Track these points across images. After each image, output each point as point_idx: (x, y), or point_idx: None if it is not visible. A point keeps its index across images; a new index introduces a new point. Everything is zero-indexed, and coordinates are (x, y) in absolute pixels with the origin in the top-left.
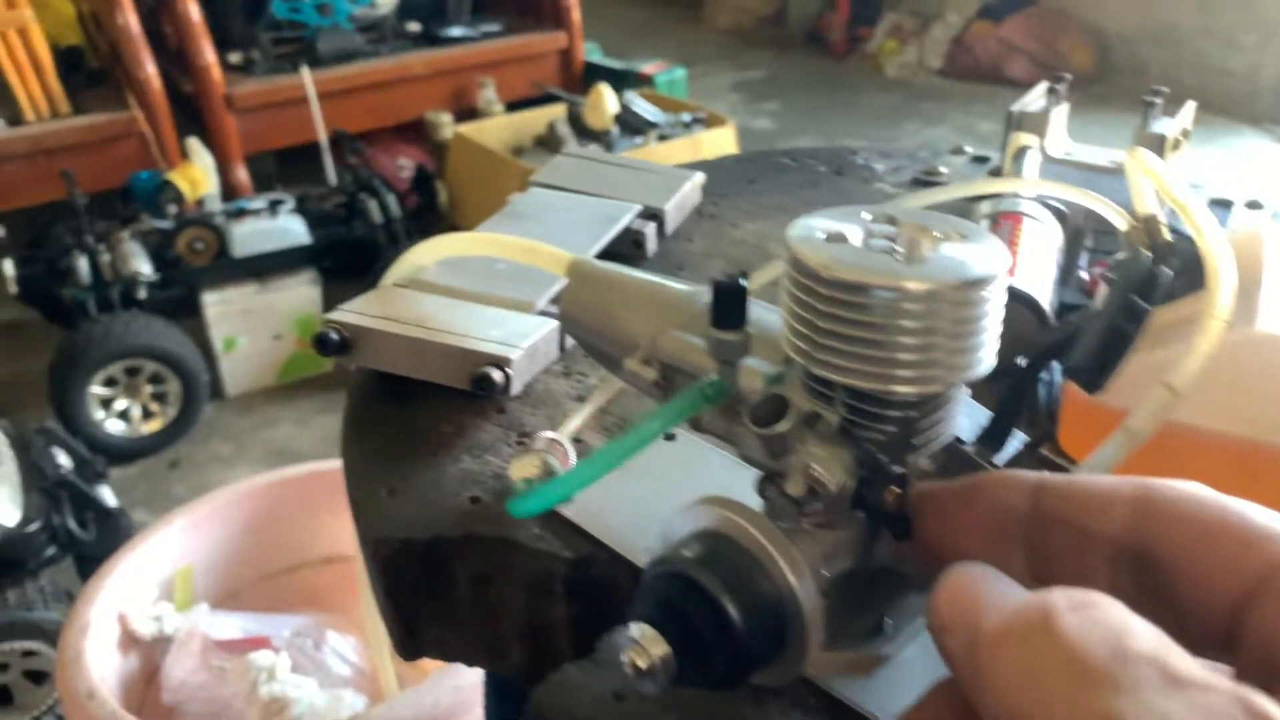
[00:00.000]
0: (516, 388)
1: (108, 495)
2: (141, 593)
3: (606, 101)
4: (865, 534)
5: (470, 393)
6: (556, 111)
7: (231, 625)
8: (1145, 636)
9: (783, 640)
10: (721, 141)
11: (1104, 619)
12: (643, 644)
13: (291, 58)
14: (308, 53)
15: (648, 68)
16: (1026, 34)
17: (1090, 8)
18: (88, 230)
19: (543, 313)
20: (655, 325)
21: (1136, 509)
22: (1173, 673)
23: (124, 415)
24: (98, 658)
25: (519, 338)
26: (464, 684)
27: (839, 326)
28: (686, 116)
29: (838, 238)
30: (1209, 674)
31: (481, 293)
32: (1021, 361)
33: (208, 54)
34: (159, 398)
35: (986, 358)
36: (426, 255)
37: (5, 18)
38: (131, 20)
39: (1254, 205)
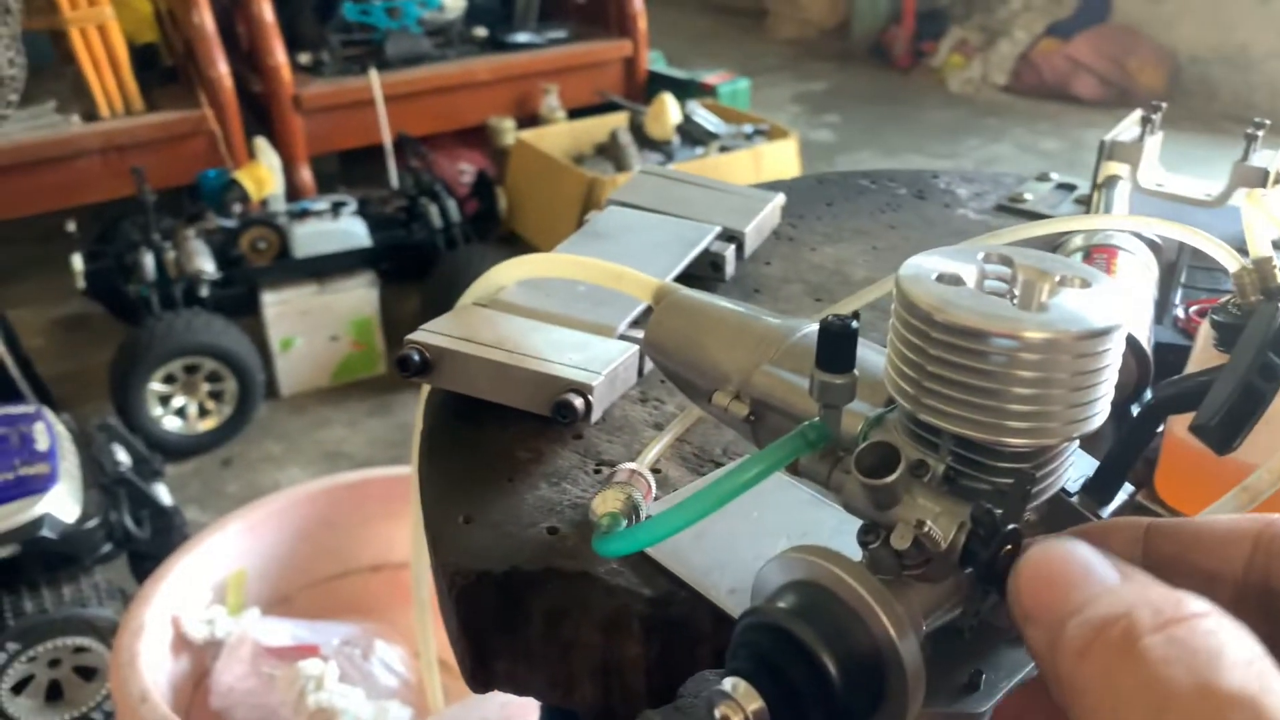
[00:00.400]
0: (596, 414)
1: (163, 493)
2: (195, 595)
3: (669, 111)
4: (968, 589)
5: (548, 418)
6: (618, 120)
7: (282, 632)
8: (1237, 671)
9: (881, 698)
10: (783, 154)
11: (1192, 644)
12: (736, 699)
13: (360, 60)
14: (376, 55)
15: (711, 78)
16: (1095, 52)
17: (1161, 27)
18: (154, 227)
19: (623, 337)
20: (747, 359)
21: (1259, 546)
22: (1265, 717)
23: (180, 412)
24: (150, 660)
25: (600, 364)
26: (511, 700)
27: (950, 372)
28: (748, 128)
29: (952, 279)
30: None
31: (562, 315)
32: (1134, 410)
33: (278, 54)
34: (215, 396)
35: (1103, 410)
36: (508, 275)
37: (86, 14)
38: (207, 19)
39: None
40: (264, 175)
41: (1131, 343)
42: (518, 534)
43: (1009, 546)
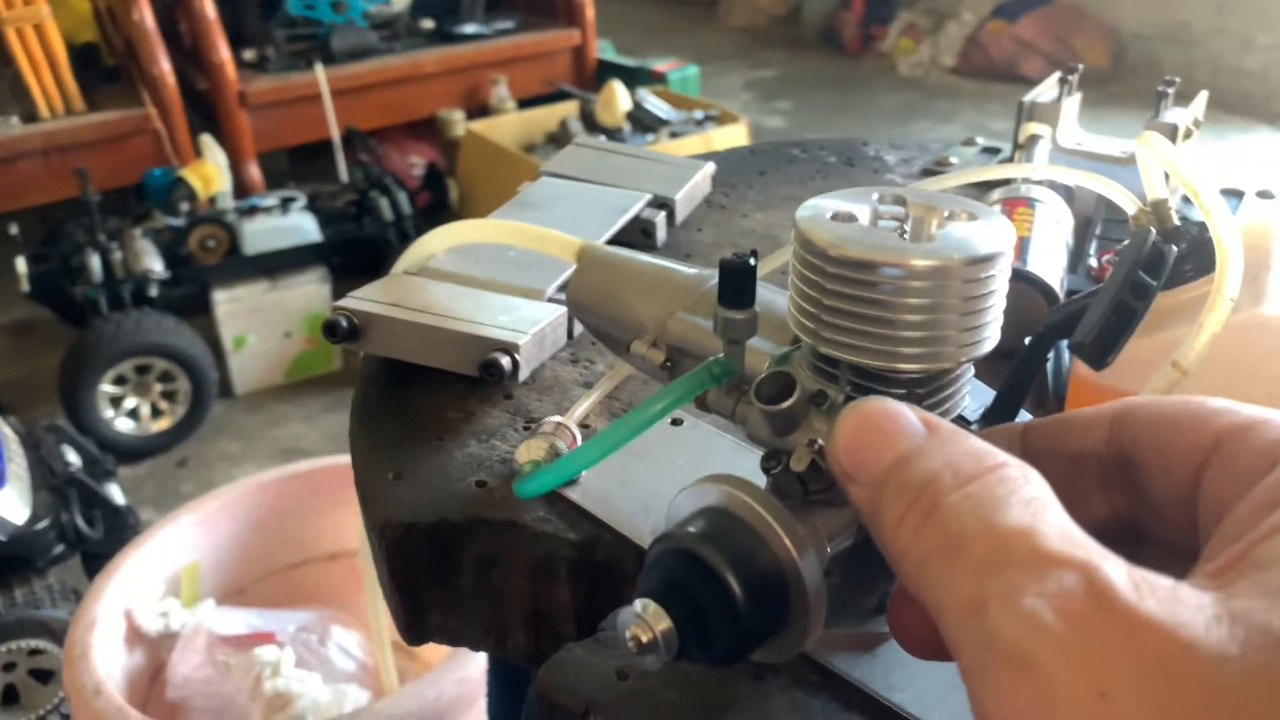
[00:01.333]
0: (524, 374)
1: (116, 493)
2: (148, 589)
3: (619, 99)
4: None
5: (478, 379)
6: (569, 109)
7: (237, 621)
8: (1016, 510)
9: (785, 616)
10: (734, 139)
11: (983, 494)
12: (645, 619)
13: (305, 55)
14: (322, 50)
15: (660, 65)
16: (1041, 32)
17: (1106, 6)
18: (100, 228)
19: (552, 299)
20: (663, 308)
21: (1115, 423)
22: (1036, 548)
23: (133, 413)
24: (104, 654)
25: (527, 324)
26: (468, 676)
27: (845, 304)
28: (699, 114)
29: (846, 217)
30: (1072, 547)
31: (491, 280)
32: (1026, 341)
33: (222, 51)
34: (168, 396)
35: (991, 336)
36: (438, 243)
37: (21, 14)
38: (147, 16)
39: (1265, 195)
40: (211, 173)
41: (1042, 286)
42: (446, 488)
43: None
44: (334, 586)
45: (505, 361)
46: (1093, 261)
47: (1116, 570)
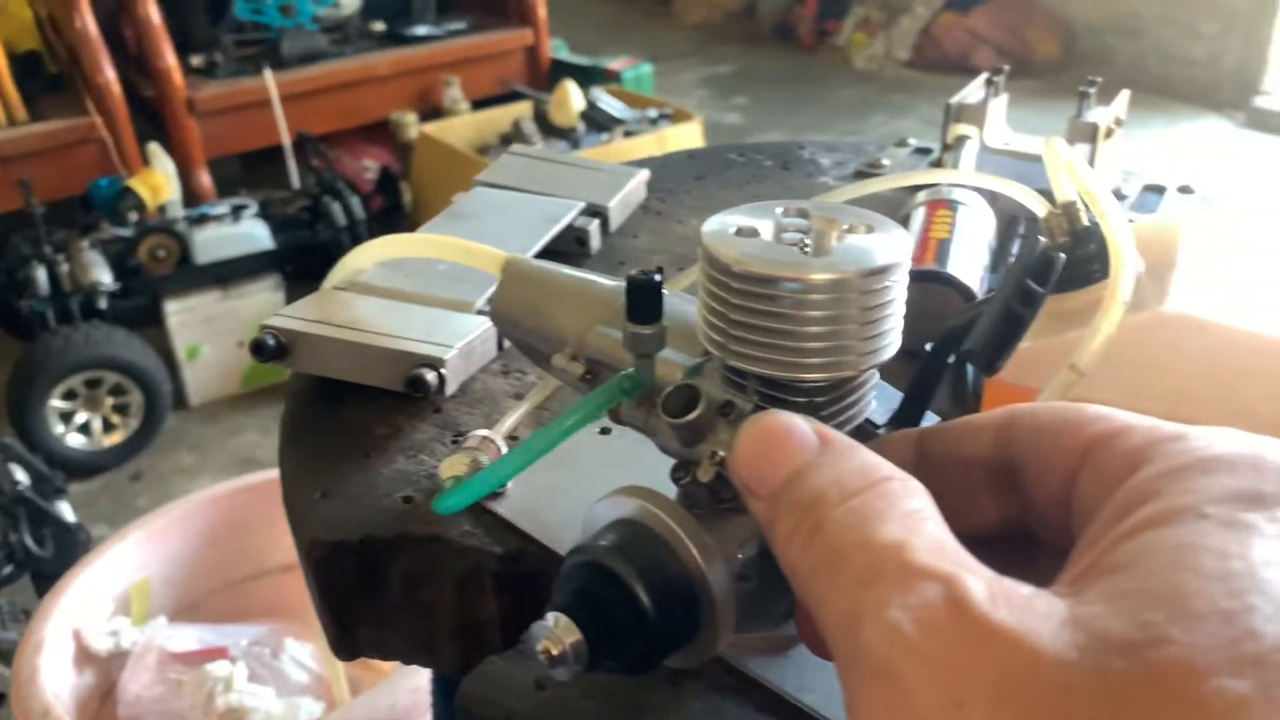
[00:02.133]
0: (451, 388)
1: (66, 511)
2: (97, 608)
3: (572, 98)
4: None
5: (406, 395)
6: (522, 109)
7: (188, 637)
8: (892, 524)
9: (695, 624)
10: (688, 137)
11: (863, 509)
12: (556, 632)
13: (254, 60)
14: (271, 55)
15: (614, 64)
16: (993, 24)
17: None
18: (45, 240)
19: (481, 312)
20: (583, 321)
21: (1001, 429)
22: (905, 562)
23: (84, 428)
24: (52, 676)
25: (454, 338)
26: (420, 685)
27: (749, 318)
28: (653, 112)
29: (749, 232)
30: (939, 560)
31: (420, 293)
32: (927, 347)
33: (168, 57)
34: (120, 409)
35: (892, 343)
36: (365, 258)
37: None
38: (89, 23)
39: (1185, 190)
40: (159, 182)
41: (959, 287)
42: (373, 504)
43: None
44: (289, 598)
45: (431, 377)
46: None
47: (976, 581)
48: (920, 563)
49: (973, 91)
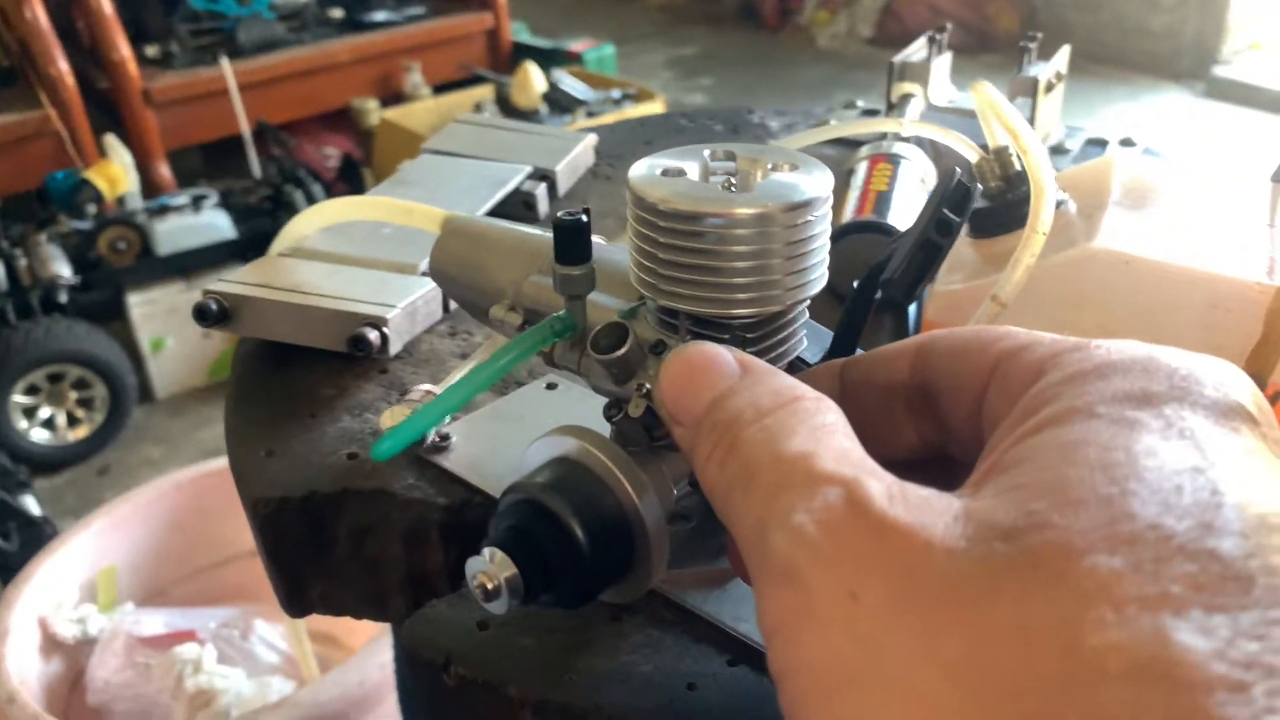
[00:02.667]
0: (395, 347)
1: (31, 504)
2: (63, 596)
3: (534, 80)
4: None
5: (352, 355)
6: (484, 93)
7: (156, 622)
8: (800, 437)
9: (630, 559)
10: None
11: (775, 426)
12: (492, 566)
13: (211, 49)
14: (228, 43)
15: (576, 45)
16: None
17: None
18: (2, 235)
19: (425, 274)
20: (519, 272)
21: (917, 355)
22: (811, 470)
23: (49, 423)
24: (19, 663)
25: (396, 297)
26: (388, 661)
27: (678, 256)
28: (616, 93)
29: (676, 173)
30: (843, 466)
31: (364, 257)
32: (854, 284)
33: (122, 48)
34: (85, 403)
35: (818, 278)
36: (309, 224)
37: None
38: (40, 15)
39: (1127, 143)
40: (116, 173)
41: (894, 233)
42: (318, 462)
43: None
44: (259, 582)
45: (373, 335)
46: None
47: (876, 484)
48: (825, 469)
49: (916, 50)
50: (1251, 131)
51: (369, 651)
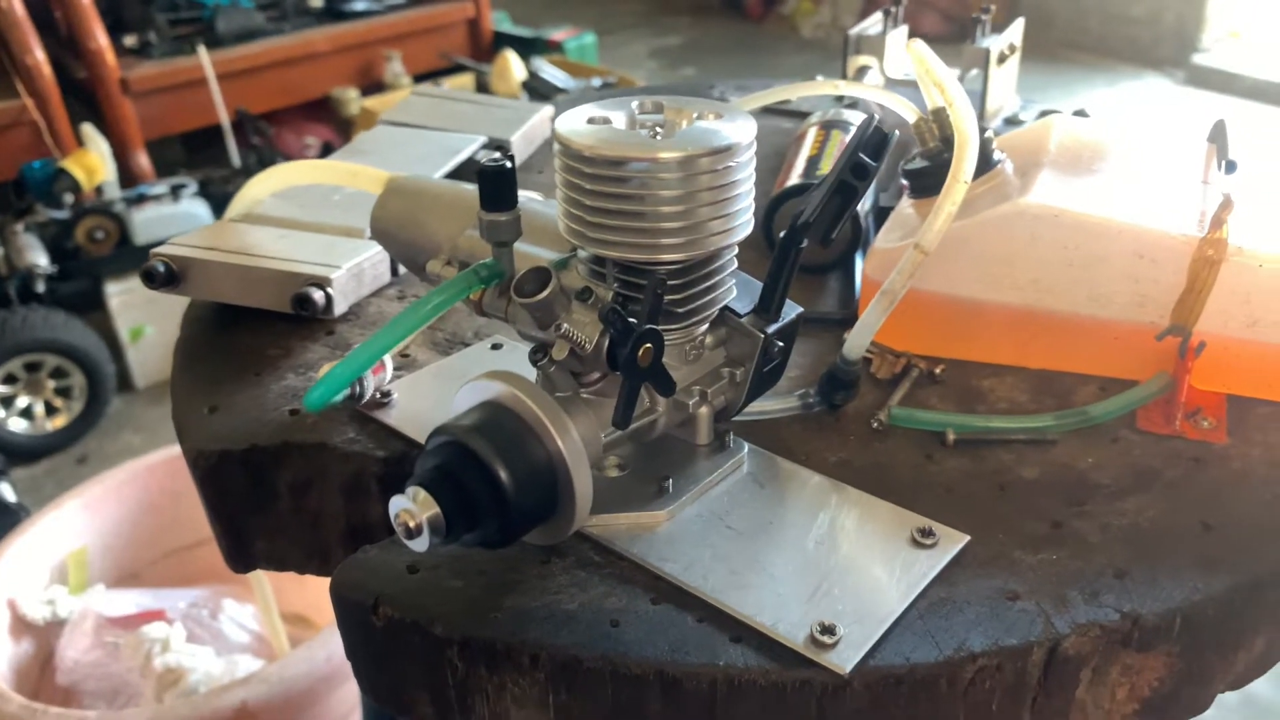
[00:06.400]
0: (341, 308)
1: (7, 492)
2: (32, 578)
3: (513, 68)
4: (631, 396)
5: (298, 316)
6: (464, 81)
7: (126, 602)
8: None
9: (553, 502)
10: None
11: None
12: (414, 505)
13: (190, 39)
14: (206, 33)
15: (557, 34)
16: None
17: None
18: None
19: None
20: (456, 227)
21: None
22: None
23: (26, 413)
24: None
25: (342, 259)
26: None
27: (604, 203)
28: (596, 81)
29: (602, 121)
30: None
31: (313, 222)
32: (780, 234)
33: (100, 37)
34: (63, 393)
35: (744, 224)
36: (260, 189)
37: None
38: (16, 4)
39: (1080, 114)
40: (94, 163)
41: (817, 183)
42: (260, 418)
43: (648, 346)
44: None
45: (318, 295)
46: (903, 179)
47: None
48: None
49: (872, 24)
50: (1230, 118)
51: (335, 629)
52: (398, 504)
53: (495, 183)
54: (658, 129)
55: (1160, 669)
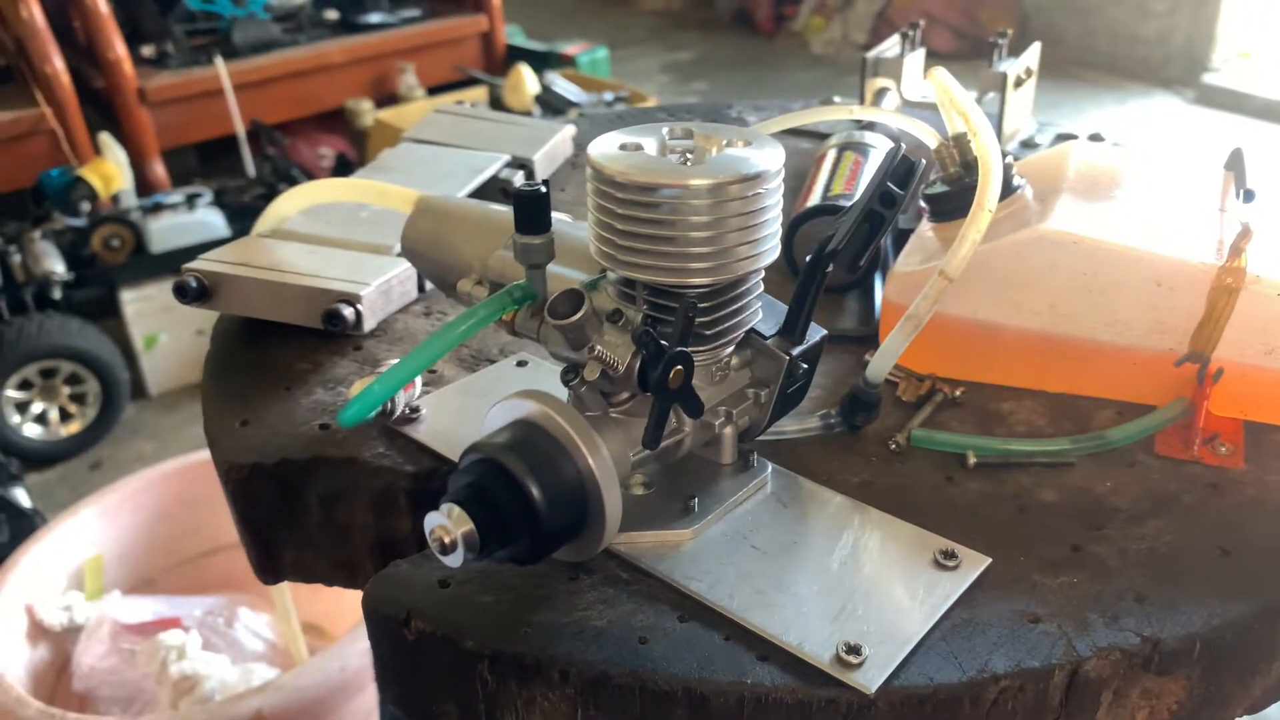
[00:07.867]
0: (369, 324)
1: (22, 497)
2: (49, 584)
3: (526, 82)
4: (660, 416)
5: (327, 332)
6: (478, 94)
7: (142, 609)
8: None
9: (583, 519)
10: None
11: None
12: (449, 521)
13: (206, 49)
14: (223, 44)
15: (570, 49)
16: (948, 6)
17: None
18: None
19: (400, 255)
20: (486, 247)
21: None
22: None
23: (41, 418)
24: (5, 650)
25: (371, 276)
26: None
27: (635, 227)
28: (609, 95)
29: (634, 148)
30: None
31: (341, 238)
32: (807, 259)
33: (118, 47)
34: (77, 399)
35: (771, 249)
36: (288, 205)
37: None
38: (36, 14)
39: (1096, 138)
40: (111, 171)
41: (831, 210)
42: (290, 431)
43: (679, 367)
44: (247, 572)
45: (348, 311)
46: (921, 202)
47: None
48: None
49: (889, 46)
50: (1241, 138)
51: (351, 638)
52: (433, 520)
53: (530, 207)
54: (688, 155)
55: (1180, 693)
